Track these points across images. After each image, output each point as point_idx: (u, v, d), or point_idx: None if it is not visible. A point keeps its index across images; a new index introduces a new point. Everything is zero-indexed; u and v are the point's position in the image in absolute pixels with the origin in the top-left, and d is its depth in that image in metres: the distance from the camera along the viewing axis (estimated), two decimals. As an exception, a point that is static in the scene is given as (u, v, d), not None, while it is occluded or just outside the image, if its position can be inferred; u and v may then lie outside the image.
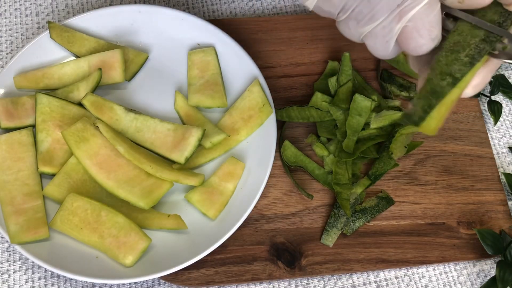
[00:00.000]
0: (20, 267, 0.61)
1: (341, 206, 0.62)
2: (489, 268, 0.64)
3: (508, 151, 0.70)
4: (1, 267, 0.61)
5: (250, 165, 0.64)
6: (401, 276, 0.63)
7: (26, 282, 0.61)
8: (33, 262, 0.61)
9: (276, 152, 0.63)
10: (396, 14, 0.41)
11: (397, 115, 0.65)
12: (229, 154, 0.65)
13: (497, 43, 0.43)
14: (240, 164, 0.63)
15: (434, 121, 0.44)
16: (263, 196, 0.64)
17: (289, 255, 0.62)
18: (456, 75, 0.43)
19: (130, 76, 0.68)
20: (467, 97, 0.45)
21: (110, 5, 0.75)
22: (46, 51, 0.67)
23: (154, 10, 0.69)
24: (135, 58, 0.68)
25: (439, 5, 0.42)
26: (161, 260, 0.58)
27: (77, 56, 0.68)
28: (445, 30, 0.44)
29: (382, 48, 0.44)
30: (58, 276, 0.61)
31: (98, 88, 0.66)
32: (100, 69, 0.64)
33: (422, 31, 0.42)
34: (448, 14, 0.44)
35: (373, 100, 0.66)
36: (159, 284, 0.61)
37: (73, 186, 0.61)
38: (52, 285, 0.61)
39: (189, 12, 0.74)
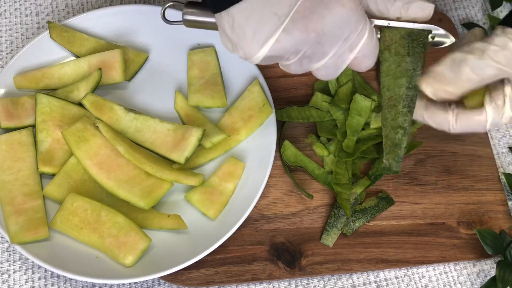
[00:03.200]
0: (20, 267, 0.61)
1: (341, 206, 0.62)
2: (489, 268, 0.64)
3: (508, 151, 0.70)
4: (1, 267, 0.61)
5: (250, 165, 0.64)
6: (401, 276, 0.63)
7: (26, 282, 0.61)
8: (33, 262, 0.61)
9: (276, 152, 0.63)
10: (346, 48, 0.47)
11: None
12: (229, 154, 0.65)
13: (427, 38, 0.50)
14: (240, 164, 0.63)
15: None
16: (263, 196, 0.64)
17: (289, 255, 0.62)
18: (404, 126, 0.51)
19: (130, 76, 0.68)
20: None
21: (110, 5, 0.75)
22: (46, 51, 0.67)
23: (154, 10, 0.69)
24: (135, 58, 0.68)
25: (373, 28, 0.49)
26: (161, 260, 0.58)
27: (77, 56, 0.68)
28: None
29: (333, 74, 0.50)
30: (58, 276, 0.61)
31: (98, 88, 0.66)
32: (100, 69, 0.64)
33: (370, 55, 0.49)
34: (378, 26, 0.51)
35: (373, 100, 0.66)
36: (159, 284, 0.61)
37: (73, 186, 0.61)
38: (52, 285, 0.61)
39: (189, 12, 0.74)
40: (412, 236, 0.64)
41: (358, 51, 0.48)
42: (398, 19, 0.50)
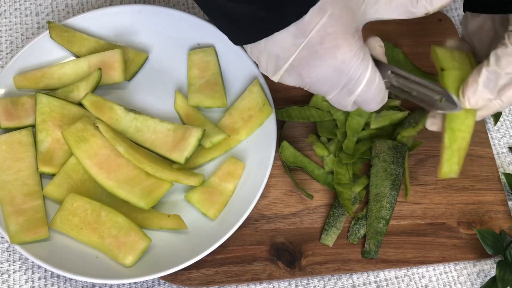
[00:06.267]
0: (20, 267, 0.61)
1: (343, 206, 0.62)
2: (489, 268, 0.64)
3: (508, 151, 0.70)
4: (1, 267, 0.61)
5: (250, 165, 0.64)
6: (401, 276, 0.63)
7: (26, 282, 0.61)
8: (33, 262, 0.61)
9: (276, 152, 0.63)
10: (345, 91, 0.49)
11: (397, 115, 0.65)
12: (229, 154, 0.65)
13: (434, 97, 0.51)
14: (240, 164, 0.63)
15: (447, 168, 0.54)
16: (263, 196, 0.64)
17: (289, 255, 0.62)
18: (386, 218, 0.62)
19: (130, 76, 0.68)
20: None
21: (110, 5, 0.75)
22: (46, 51, 0.67)
23: (154, 10, 0.69)
24: (135, 58, 0.68)
25: (377, 76, 0.50)
26: (161, 260, 0.58)
27: (77, 56, 0.68)
28: (395, 87, 0.52)
29: (342, 108, 0.52)
30: (58, 276, 0.61)
31: (98, 88, 0.66)
32: (100, 69, 0.64)
33: (369, 101, 0.51)
34: (393, 72, 0.51)
35: (373, 100, 0.65)
36: (159, 284, 0.61)
37: (73, 186, 0.61)
38: (52, 285, 0.61)
39: (189, 12, 0.74)
40: (412, 236, 0.64)
41: (357, 95, 0.50)
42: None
